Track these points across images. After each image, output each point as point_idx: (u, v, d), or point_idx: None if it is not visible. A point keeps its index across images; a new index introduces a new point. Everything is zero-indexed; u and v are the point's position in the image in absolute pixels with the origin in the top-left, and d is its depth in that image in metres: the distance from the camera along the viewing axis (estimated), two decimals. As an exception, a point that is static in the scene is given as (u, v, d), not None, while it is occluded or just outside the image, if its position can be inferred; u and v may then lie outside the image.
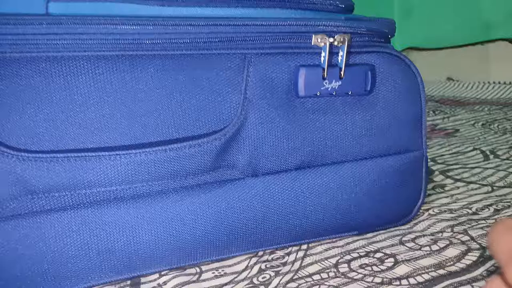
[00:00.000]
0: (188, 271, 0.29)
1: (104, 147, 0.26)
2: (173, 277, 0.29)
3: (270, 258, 0.31)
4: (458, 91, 0.86)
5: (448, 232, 0.33)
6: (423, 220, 0.35)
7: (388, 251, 0.31)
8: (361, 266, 0.29)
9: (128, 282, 0.29)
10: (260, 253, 0.31)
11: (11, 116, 0.25)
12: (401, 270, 0.29)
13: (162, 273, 0.29)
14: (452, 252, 0.30)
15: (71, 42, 0.25)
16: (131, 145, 0.27)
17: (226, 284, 0.28)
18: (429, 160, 0.44)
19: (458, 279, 0.27)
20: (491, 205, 0.37)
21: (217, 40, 0.28)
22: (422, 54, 0.90)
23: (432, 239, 0.32)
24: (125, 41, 0.26)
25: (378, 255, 0.31)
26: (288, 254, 0.31)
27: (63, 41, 0.25)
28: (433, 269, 0.28)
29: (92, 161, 0.26)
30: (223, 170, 0.29)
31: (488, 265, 0.28)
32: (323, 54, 0.29)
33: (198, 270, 0.30)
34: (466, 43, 0.86)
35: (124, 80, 0.26)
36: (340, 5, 0.32)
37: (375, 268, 0.29)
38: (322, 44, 0.29)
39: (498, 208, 0.37)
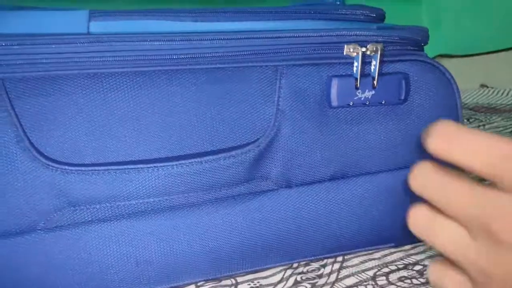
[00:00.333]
0: (223, 282, 0.30)
1: (143, 160, 0.27)
2: (209, 288, 0.29)
3: (305, 270, 0.31)
4: (492, 98, 0.84)
5: (489, 243, 0.32)
6: (462, 231, 0.34)
7: (428, 264, 0.30)
8: (400, 279, 0.29)
9: (165, 293, 0.29)
10: (295, 265, 0.31)
11: (55, 131, 0.26)
12: (442, 283, 0.28)
13: (199, 284, 0.29)
14: (495, 264, 0.29)
15: (110, 59, 0.26)
16: (168, 157, 0.27)
17: (262, 295, 0.28)
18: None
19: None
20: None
21: (249, 53, 0.28)
22: (453, 61, 0.88)
23: (473, 251, 0.31)
24: (161, 57, 0.27)
25: (417, 267, 0.30)
26: (324, 266, 0.31)
27: (103, 59, 0.26)
28: (475, 282, 0.27)
29: (131, 174, 0.27)
30: (257, 181, 0.29)
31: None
32: (355, 64, 0.29)
33: (233, 281, 0.30)
34: (500, 48, 0.83)
35: (160, 94, 0.27)
36: (371, 15, 0.32)
37: (415, 281, 0.28)
38: (355, 54, 0.29)
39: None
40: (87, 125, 0.26)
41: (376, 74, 0.29)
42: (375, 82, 0.29)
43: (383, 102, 0.30)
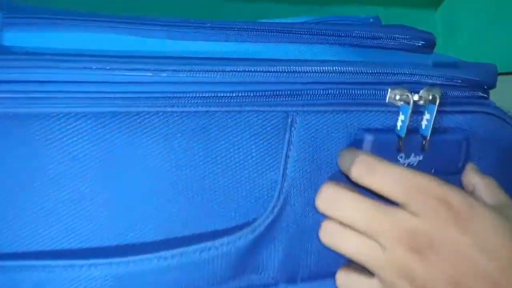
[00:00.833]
0: None
1: (76, 250, 0.18)
2: None
3: None
4: (507, 123, 0.77)
5: None
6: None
7: None
8: None
9: None
10: None
11: None
12: None
13: None
14: None
15: (35, 95, 0.17)
16: (116, 247, 0.18)
17: None
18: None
19: None
20: None
21: (248, 93, 0.19)
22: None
23: None
24: (113, 95, 0.17)
25: None
26: None
27: (16, 94, 0.17)
28: None
29: (56, 272, 0.17)
30: (248, 275, 0.20)
31: None
32: (401, 117, 0.20)
33: None
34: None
35: (110, 148, 0.18)
36: (417, 41, 0.23)
37: None
38: (401, 102, 0.20)
39: None
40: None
41: (429, 133, 0.20)
42: (425, 144, 0.20)
43: (432, 171, 0.21)
